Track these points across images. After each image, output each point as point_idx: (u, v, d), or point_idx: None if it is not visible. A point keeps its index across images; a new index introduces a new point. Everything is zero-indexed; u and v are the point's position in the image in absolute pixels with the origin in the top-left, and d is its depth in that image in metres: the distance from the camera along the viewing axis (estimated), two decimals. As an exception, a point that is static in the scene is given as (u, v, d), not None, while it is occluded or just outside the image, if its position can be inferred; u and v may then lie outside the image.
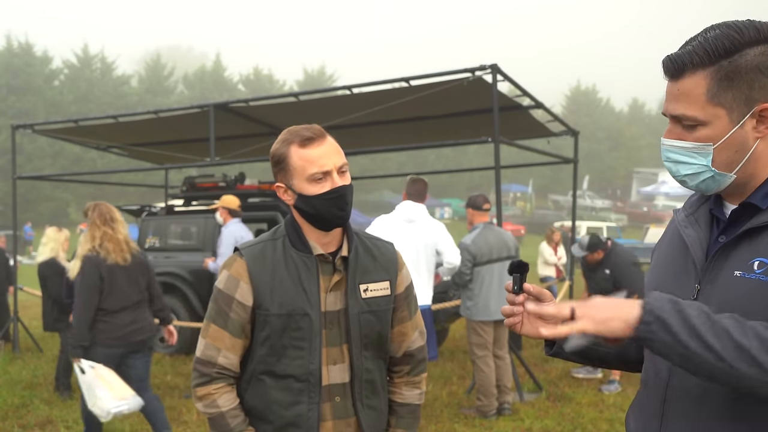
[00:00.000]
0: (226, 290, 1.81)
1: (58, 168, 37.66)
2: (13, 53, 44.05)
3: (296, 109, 8.07)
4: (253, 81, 54.75)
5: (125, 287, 4.17)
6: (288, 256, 1.82)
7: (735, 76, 1.21)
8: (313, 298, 1.79)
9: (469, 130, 8.13)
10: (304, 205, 1.79)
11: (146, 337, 4.30)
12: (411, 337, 1.99)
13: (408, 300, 1.98)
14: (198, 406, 1.83)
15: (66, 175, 13.42)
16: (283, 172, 1.82)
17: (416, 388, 2.03)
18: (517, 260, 1.46)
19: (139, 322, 4.25)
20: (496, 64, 6.13)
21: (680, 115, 1.26)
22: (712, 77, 1.22)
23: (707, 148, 1.26)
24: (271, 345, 1.79)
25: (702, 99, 1.23)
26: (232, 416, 1.79)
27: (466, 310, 5.56)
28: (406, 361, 2.00)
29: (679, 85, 1.26)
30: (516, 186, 45.16)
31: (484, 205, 5.70)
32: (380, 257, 1.92)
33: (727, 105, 1.23)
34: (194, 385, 1.83)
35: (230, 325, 1.79)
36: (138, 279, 4.26)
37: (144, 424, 5.40)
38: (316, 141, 1.78)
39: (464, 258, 5.45)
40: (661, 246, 1.48)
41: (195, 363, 1.83)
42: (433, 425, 5.34)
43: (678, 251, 1.39)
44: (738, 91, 1.22)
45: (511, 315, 1.45)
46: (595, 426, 5.29)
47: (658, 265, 1.45)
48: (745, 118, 1.23)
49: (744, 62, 1.20)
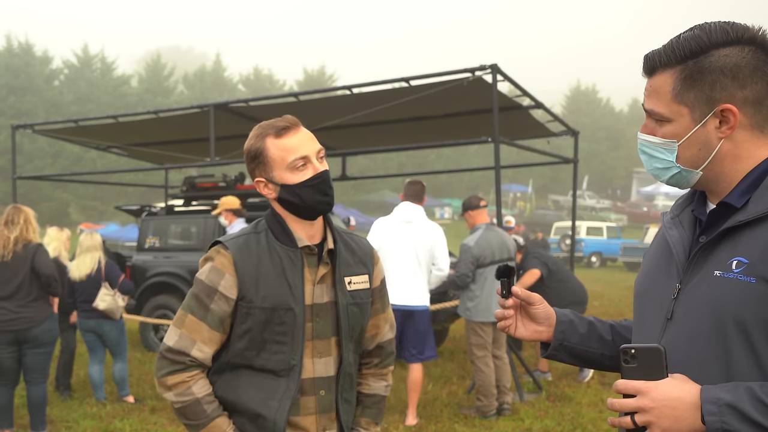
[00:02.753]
0: (209, 282, 1.77)
1: (58, 168, 37.65)
2: (13, 53, 44.05)
3: (296, 109, 8.06)
4: (253, 81, 54.77)
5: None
6: (272, 248, 1.79)
7: (698, 76, 1.25)
8: (297, 292, 1.77)
9: (469, 130, 8.13)
10: (287, 195, 1.78)
11: (15, 329, 4.70)
12: (383, 330, 2.01)
13: (382, 293, 2.00)
14: (168, 396, 1.75)
15: (66, 175, 13.45)
16: (261, 165, 1.80)
17: (383, 380, 2.03)
18: (503, 265, 1.49)
19: (8, 314, 4.69)
20: (496, 64, 6.13)
21: (650, 110, 1.32)
22: (677, 76, 1.27)
23: (672, 144, 1.30)
24: (251, 338, 1.76)
25: (668, 97, 1.28)
26: (208, 402, 1.74)
27: (466, 310, 5.56)
28: (377, 354, 2.01)
29: (651, 81, 1.31)
30: (516, 186, 45.16)
31: (480, 202, 5.73)
32: (358, 251, 1.93)
33: (690, 104, 1.27)
34: (164, 374, 1.75)
35: (209, 318, 1.75)
36: (18, 271, 4.70)
37: (144, 424, 5.41)
38: (292, 130, 1.79)
39: (466, 260, 5.43)
40: (650, 249, 1.51)
41: (164, 352, 1.76)
42: (433, 425, 5.34)
43: (663, 253, 1.41)
44: (699, 91, 1.25)
45: (503, 318, 1.50)
46: (595, 426, 5.30)
47: (646, 268, 1.47)
48: (707, 117, 1.26)
49: (708, 63, 1.24)
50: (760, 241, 1.20)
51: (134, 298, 8.21)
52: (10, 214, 4.82)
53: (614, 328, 1.58)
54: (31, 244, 4.80)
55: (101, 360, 6.07)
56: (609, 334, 1.57)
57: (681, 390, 1.15)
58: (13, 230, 4.75)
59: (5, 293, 4.71)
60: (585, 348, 1.55)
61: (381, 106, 7.01)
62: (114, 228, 28.29)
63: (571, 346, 1.54)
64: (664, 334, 1.31)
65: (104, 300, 5.74)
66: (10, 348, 4.77)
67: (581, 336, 1.55)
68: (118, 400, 6.07)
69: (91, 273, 5.79)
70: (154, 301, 8.27)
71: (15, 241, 4.73)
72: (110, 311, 5.78)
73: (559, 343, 1.54)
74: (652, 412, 1.15)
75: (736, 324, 1.19)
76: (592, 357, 1.56)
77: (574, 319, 1.56)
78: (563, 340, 1.54)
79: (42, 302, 4.83)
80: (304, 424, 1.80)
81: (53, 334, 4.91)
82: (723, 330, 1.21)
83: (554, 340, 1.54)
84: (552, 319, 1.54)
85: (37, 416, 5.01)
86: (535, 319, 1.54)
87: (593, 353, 1.55)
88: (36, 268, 4.76)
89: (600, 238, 25.42)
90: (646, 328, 1.38)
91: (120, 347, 6.04)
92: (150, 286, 8.33)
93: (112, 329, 5.91)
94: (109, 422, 5.47)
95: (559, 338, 1.54)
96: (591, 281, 18.02)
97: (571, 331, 1.54)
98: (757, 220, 1.23)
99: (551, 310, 1.54)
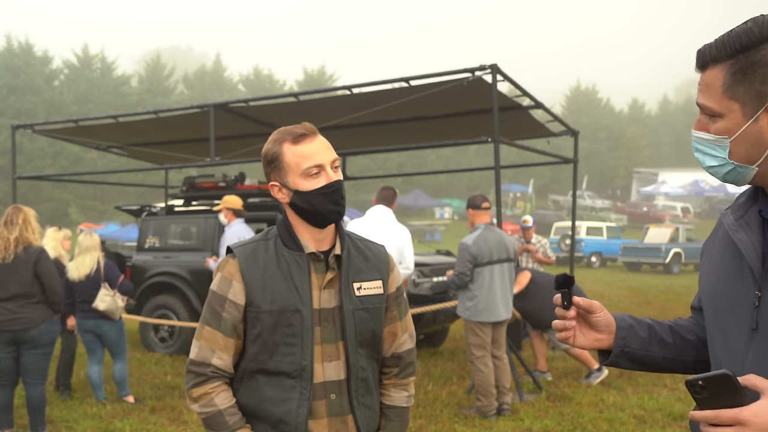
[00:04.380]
0: (219, 291, 1.83)
1: (58, 168, 37.67)
2: (13, 53, 44.06)
3: (296, 109, 8.07)
4: (253, 81, 54.78)
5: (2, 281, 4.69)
6: (280, 254, 1.83)
7: (749, 70, 1.21)
8: (304, 295, 1.80)
9: (469, 130, 8.13)
10: (300, 201, 1.81)
11: (13, 329, 4.69)
12: (400, 338, 2.00)
13: (398, 301, 2.00)
14: (194, 408, 1.83)
15: (66, 175, 13.43)
16: (276, 170, 1.84)
17: (404, 390, 2.02)
18: (562, 275, 1.43)
19: (7, 314, 4.68)
20: (496, 64, 6.13)
21: (702, 105, 1.29)
22: (728, 71, 1.23)
23: (724, 141, 1.26)
24: (263, 342, 1.80)
25: (719, 91, 1.24)
26: (230, 414, 1.79)
27: (465, 310, 5.56)
28: (395, 363, 2.00)
29: (704, 76, 1.28)
30: (516, 186, 45.13)
31: (483, 203, 5.73)
32: (372, 258, 1.94)
33: (740, 99, 1.23)
34: (190, 386, 1.83)
35: (223, 326, 1.81)
36: (20, 274, 4.69)
37: (144, 424, 5.41)
38: (309, 137, 1.81)
39: (464, 258, 5.45)
40: (711, 250, 1.44)
41: (189, 365, 1.84)
42: (433, 425, 5.34)
43: (731, 256, 1.34)
44: (749, 86, 1.21)
45: (563, 329, 1.45)
46: (595, 426, 5.30)
47: (710, 270, 1.41)
48: (759, 113, 1.23)
49: (759, 57, 1.20)
50: None
51: (134, 298, 8.22)
52: (9, 215, 4.80)
53: (673, 330, 1.54)
54: (33, 248, 4.77)
55: (100, 360, 6.07)
56: (669, 336, 1.53)
57: None
58: (13, 231, 4.74)
59: (6, 295, 4.69)
60: (647, 353, 1.50)
61: (381, 106, 7.01)
62: (114, 228, 28.31)
63: (632, 352, 1.49)
64: (752, 346, 1.26)
65: (104, 301, 5.74)
66: (8, 348, 4.77)
67: (642, 341, 1.50)
68: (118, 400, 6.07)
69: (91, 273, 5.79)
70: (154, 301, 8.27)
71: (16, 243, 4.72)
72: (110, 312, 5.78)
73: (621, 350, 1.49)
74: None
75: None
76: (654, 361, 1.51)
77: (634, 323, 1.51)
78: (624, 346, 1.48)
79: (42, 304, 4.80)
80: (315, 428, 1.82)
81: (52, 336, 4.89)
82: None
83: (615, 347, 1.49)
84: (612, 326, 1.49)
85: (37, 417, 5.01)
86: (595, 327, 1.48)
87: (655, 357, 1.50)
88: (40, 277, 4.74)
89: (600, 238, 25.42)
90: (730, 340, 1.32)
91: (119, 347, 6.04)
92: (150, 286, 8.32)
93: (111, 330, 5.91)
94: (109, 422, 5.47)
95: (620, 345, 1.48)
96: (591, 281, 18.03)
97: (632, 336, 1.49)
98: None
99: (611, 317, 1.49)
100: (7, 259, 4.69)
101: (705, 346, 1.49)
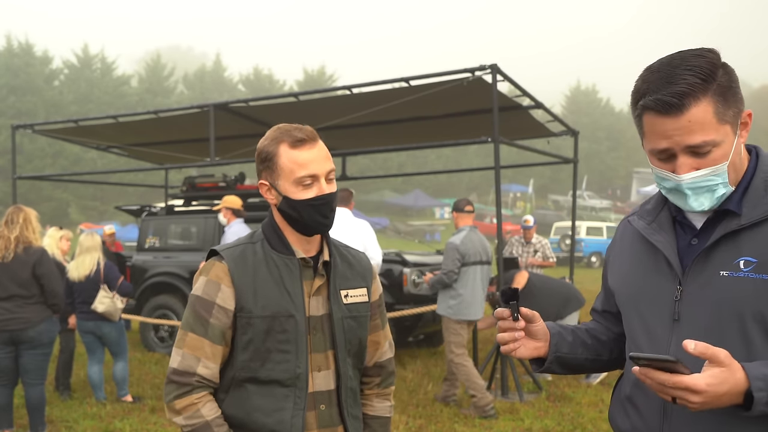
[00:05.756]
0: (205, 296, 1.72)
1: (58, 168, 37.66)
2: (13, 53, 44.06)
3: (296, 109, 8.07)
4: (253, 81, 54.77)
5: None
6: (269, 258, 1.75)
7: (726, 92, 1.29)
8: (297, 300, 1.73)
9: (469, 130, 8.13)
10: (288, 208, 1.74)
11: (11, 329, 4.69)
12: (383, 347, 1.96)
13: (380, 309, 1.96)
14: (177, 420, 1.70)
15: (66, 175, 13.43)
16: (269, 170, 1.75)
17: (387, 400, 1.98)
18: (507, 288, 1.48)
19: (5, 314, 4.68)
20: (495, 64, 6.13)
21: (700, 143, 1.29)
22: (714, 99, 1.28)
23: (722, 167, 1.32)
24: (255, 349, 1.71)
25: (714, 121, 1.28)
26: (218, 425, 1.69)
27: (448, 308, 5.67)
28: (377, 373, 1.96)
29: (687, 117, 1.28)
30: (516, 186, 45.15)
31: (467, 207, 5.90)
32: (356, 265, 1.89)
33: (730, 120, 1.30)
34: (172, 398, 1.70)
35: (210, 332, 1.70)
36: (18, 274, 4.68)
37: (144, 424, 5.41)
38: (308, 144, 1.72)
39: (453, 257, 5.59)
40: (620, 255, 1.54)
41: (171, 375, 1.72)
42: (433, 425, 5.34)
43: (648, 256, 1.45)
44: (733, 106, 1.30)
45: (512, 341, 1.49)
46: (595, 426, 5.30)
47: (627, 272, 1.50)
48: (738, 128, 1.33)
49: (724, 80, 1.28)
50: (766, 242, 1.28)
51: (134, 298, 8.22)
52: (10, 214, 4.81)
53: (589, 332, 1.63)
54: (33, 248, 4.76)
55: (100, 360, 6.07)
56: (588, 338, 1.62)
57: (729, 385, 1.19)
58: (13, 230, 4.75)
59: (4, 294, 4.69)
60: (574, 356, 1.58)
61: (381, 106, 7.01)
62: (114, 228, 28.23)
63: (562, 356, 1.56)
64: (673, 335, 1.37)
65: (103, 302, 5.73)
66: (6, 348, 4.76)
67: (570, 345, 1.58)
68: (118, 400, 6.07)
69: (90, 274, 5.79)
70: (154, 301, 8.27)
71: (16, 242, 4.72)
72: (109, 313, 5.78)
73: (554, 356, 1.55)
74: (702, 405, 1.20)
75: (754, 317, 1.27)
76: (578, 362, 1.60)
77: (560, 329, 1.59)
78: (557, 351, 1.55)
79: (40, 304, 4.79)
80: None
81: (50, 336, 4.88)
82: (742, 324, 1.29)
83: (550, 353, 1.54)
84: (547, 333, 1.55)
85: (37, 418, 5.00)
86: (534, 337, 1.53)
87: (579, 358, 1.59)
88: (40, 279, 4.73)
89: (600, 238, 25.43)
90: (652, 332, 1.41)
91: (120, 347, 6.05)
92: (150, 286, 8.33)
93: (111, 331, 5.91)
94: (109, 422, 5.47)
95: (553, 350, 1.55)
96: (591, 281, 18.02)
97: (562, 341, 1.56)
98: (757, 222, 1.31)
99: (545, 325, 1.55)
100: (6, 258, 4.69)
101: (615, 345, 1.62)
